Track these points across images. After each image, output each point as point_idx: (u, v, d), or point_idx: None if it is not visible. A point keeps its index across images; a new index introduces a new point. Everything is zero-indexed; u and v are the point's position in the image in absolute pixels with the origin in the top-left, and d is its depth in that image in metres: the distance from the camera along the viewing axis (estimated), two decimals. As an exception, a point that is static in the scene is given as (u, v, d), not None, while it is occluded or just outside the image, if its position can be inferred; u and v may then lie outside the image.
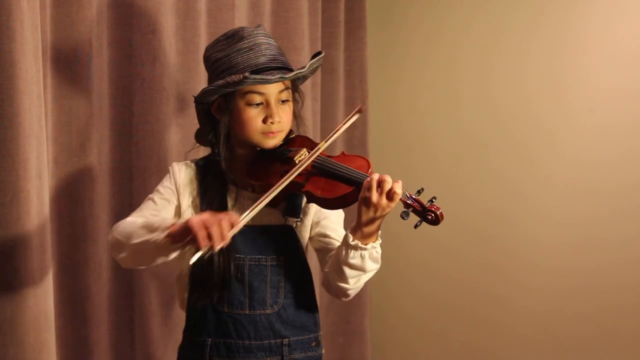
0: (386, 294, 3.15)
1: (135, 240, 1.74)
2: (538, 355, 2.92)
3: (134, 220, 1.83)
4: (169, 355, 2.47)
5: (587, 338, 2.82)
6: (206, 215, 1.64)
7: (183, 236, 1.66)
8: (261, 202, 1.74)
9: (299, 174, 1.82)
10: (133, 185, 2.40)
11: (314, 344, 1.94)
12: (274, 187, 1.77)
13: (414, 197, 1.74)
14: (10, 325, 1.90)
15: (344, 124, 1.91)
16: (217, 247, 1.62)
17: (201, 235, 1.60)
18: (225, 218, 1.63)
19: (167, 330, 2.48)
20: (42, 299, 1.96)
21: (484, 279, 3.01)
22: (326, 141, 1.87)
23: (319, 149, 1.86)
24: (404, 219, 1.72)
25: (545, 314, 2.89)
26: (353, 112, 1.94)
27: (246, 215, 1.70)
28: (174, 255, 1.77)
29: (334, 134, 1.88)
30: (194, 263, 1.63)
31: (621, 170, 2.75)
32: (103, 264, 2.31)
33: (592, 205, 2.80)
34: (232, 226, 1.64)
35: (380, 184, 1.71)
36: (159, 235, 1.70)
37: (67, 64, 2.19)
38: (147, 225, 1.74)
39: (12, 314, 1.90)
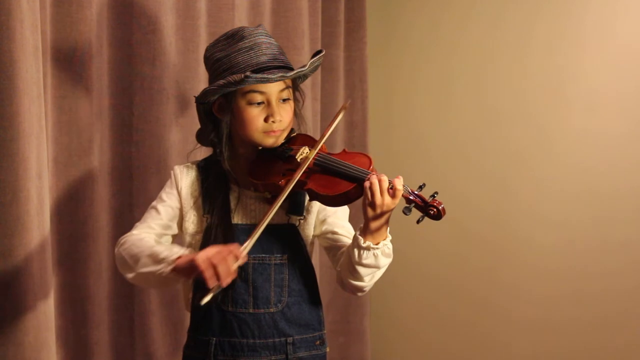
0: (386, 294, 3.15)
1: (141, 270, 1.79)
2: (542, 346, 2.91)
3: (141, 240, 1.85)
4: (169, 355, 2.48)
5: (581, 343, 2.82)
6: (211, 252, 1.67)
7: (189, 272, 1.72)
8: (260, 226, 1.75)
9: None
10: (133, 185, 2.40)
11: (318, 342, 1.94)
12: (271, 209, 1.78)
13: (416, 192, 1.76)
14: (10, 325, 1.90)
15: (331, 125, 1.89)
16: (226, 283, 1.66)
17: (209, 274, 1.65)
18: (229, 255, 1.67)
19: (167, 330, 2.48)
20: (42, 299, 1.96)
21: (482, 279, 3.01)
22: (315, 148, 1.86)
23: (314, 150, 1.85)
24: (406, 214, 1.72)
25: (540, 316, 2.89)
26: (339, 111, 1.92)
27: (248, 244, 1.73)
28: (178, 284, 1.82)
29: (322, 138, 1.87)
30: (205, 304, 1.68)
31: (617, 173, 2.75)
32: (103, 264, 2.31)
33: (588, 207, 2.80)
34: (236, 259, 1.68)
35: (379, 184, 1.72)
36: (165, 269, 1.74)
37: (67, 64, 2.19)
38: (153, 255, 1.77)
39: (12, 314, 1.90)
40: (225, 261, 1.66)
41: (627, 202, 2.74)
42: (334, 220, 1.96)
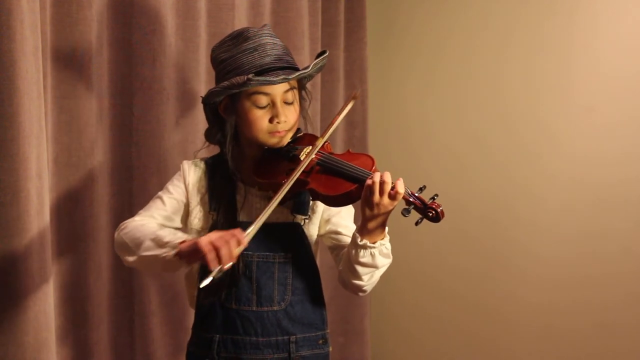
0: (386, 294, 3.15)
1: (144, 253, 1.78)
2: (541, 348, 2.91)
3: (143, 225, 1.85)
4: (169, 355, 2.48)
5: (589, 329, 2.81)
6: (214, 236, 1.67)
7: (192, 256, 1.71)
8: (265, 212, 1.75)
9: (303, 172, 1.82)
10: (133, 185, 2.40)
11: (321, 341, 1.95)
12: (275, 197, 1.78)
13: (415, 194, 1.75)
14: (10, 325, 1.90)
15: (340, 113, 1.90)
16: (227, 267, 1.66)
17: (211, 257, 1.64)
18: (232, 238, 1.66)
19: (167, 330, 2.48)
20: (42, 299, 1.96)
21: (489, 276, 3.00)
22: (323, 136, 1.87)
23: (316, 146, 1.86)
24: (404, 216, 1.72)
25: (548, 305, 2.88)
26: (348, 99, 1.93)
27: (251, 230, 1.72)
28: (180, 269, 1.80)
29: (331, 126, 1.88)
30: (204, 286, 1.66)
31: (620, 166, 2.74)
32: (103, 264, 2.31)
33: (593, 199, 2.79)
34: (239, 244, 1.67)
35: (381, 184, 1.72)
36: (168, 252, 1.74)
37: (67, 64, 2.19)
38: (157, 239, 1.77)
39: (12, 313, 1.90)
40: (228, 244, 1.65)
41: (628, 194, 2.73)
42: (337, 220, 1.97)
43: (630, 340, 2.76)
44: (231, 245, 1.65)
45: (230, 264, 1.65)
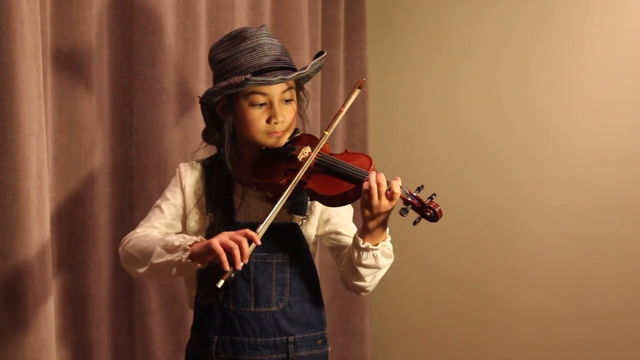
0: (386, 294, 3.15)
1: (156, 261, 1.77)
2: (537, 354, 2.91)
3: (147, 235, 1.85)
4: (169, 355, 2.48)
5: (586, 336, 2.81)
6: (225, 237, 1.67)
7: (204, 256, 1.71)
8: (278, 206, 1.75)
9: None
10: (133, 185, 2.40)
11: (320, 341, 1.95)
12: (290, 187, 1.78)
13: (413, 194, 1.75)
14: (10, 325, 1.90)
15: (347, 102, 1.91)
16: (240, 266, 1.65)
17: (224, 258, 1.65)
18: (244, 238, 1.66)
19: (167, 330, 2.48)
20: (42, 299, 1.96)
21: (485, 277, 3.01)
22: (330, 127, 1.87)
23: (324, 137, 1.86)
24: (402, 215, 1.72)
25: (546, 312, 2.88)
26: (354, 87, 1.93)
27: (262, 228, 1.72)
28: (194, 271, 1.80)
29: (337, 117, 1.89)
30: (221, 286, 1.66)
31: (619, 168, 2.75)
32: (103, 263, 2.31)
33: (591, 201, 2.79)
34: (251, 242, 1.68)
35: (377, 186, 1.72)
36: (181, 256, 1.73)
37: (67, 64, 2.19)
38: (167, 245, 1.76)
39: (12, 313, 1.90)
40: (240, 244, 1.65)
41: (627, 196, 2.73)
42: (337, 221, 1.96)
43: (630, 347, 2.75)
44: (243, 244, 1.66)
45: (242, 264, 1.65)
